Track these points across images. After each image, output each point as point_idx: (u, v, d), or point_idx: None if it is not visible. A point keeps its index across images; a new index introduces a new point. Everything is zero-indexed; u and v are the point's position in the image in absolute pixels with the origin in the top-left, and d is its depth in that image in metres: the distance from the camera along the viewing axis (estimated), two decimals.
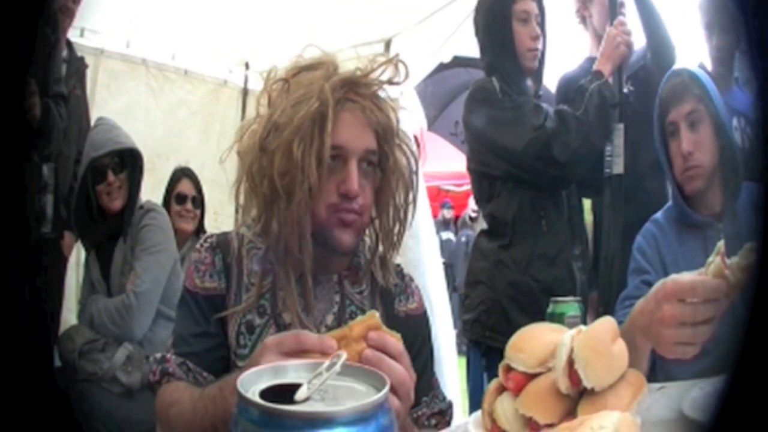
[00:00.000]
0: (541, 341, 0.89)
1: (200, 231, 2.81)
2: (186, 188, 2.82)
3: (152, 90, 3.48)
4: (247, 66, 3.75)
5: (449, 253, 7.77)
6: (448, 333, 3.38)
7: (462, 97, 2.33)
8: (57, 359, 2.22)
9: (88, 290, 2.37)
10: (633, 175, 2.01)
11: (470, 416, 0.97)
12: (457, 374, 3.16)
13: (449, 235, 8.47)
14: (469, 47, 2.63)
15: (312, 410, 0.53)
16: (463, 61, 3.70)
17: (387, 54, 2.92)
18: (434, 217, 4.53)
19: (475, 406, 0.94)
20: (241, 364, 1.07)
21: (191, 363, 1.08)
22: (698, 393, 0.90)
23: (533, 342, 0.90)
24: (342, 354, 0.61)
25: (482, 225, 2.36)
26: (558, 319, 1.08)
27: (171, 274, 2.31)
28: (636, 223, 1.76)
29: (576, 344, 0.83)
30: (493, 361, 1.87)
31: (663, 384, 1.02)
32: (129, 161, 2.36)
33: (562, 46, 2.53)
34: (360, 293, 1.18)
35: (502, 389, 0.90)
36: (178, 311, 1.15)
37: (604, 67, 2.00)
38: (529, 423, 0.84)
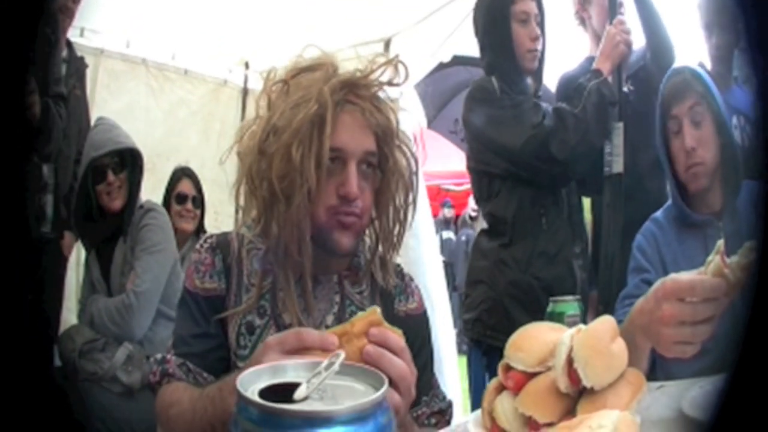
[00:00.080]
0: (541, 340, 0.89)
1: (200, 231, 2.81)
2: (186, 188, 2.82)
3: (152, 90, 3.48)
4: (247, 66, 3.75)
5: (449, 253, 7.78)
6: (449, 332, 3.38)
7: (462, 95, 2.33)
8: (57, 359, 2.22)
9: (88, 290, 2.37)
10: (633, 174, 2.01)
11: (470, 415, 0.97)
12: (458, 374, 3.16)
13: (449, 235, 8.48)
14: (469, 46, 2.64)
15: (311, 409, 0.54)
16: (463, 60, 3.70)
17: (386, 54, 2.92)
18: (434, 217, 4.54)
19: (477, 406, 0.94)
20: (242, 365, 1.07)
21: (191, 364, 1.08)
22: (698, 392, 0.90)
23: (533, 341, 0.90)
24: (341, 353, 0.61)
25: (482, 224, 2.37)
26: (558, 318, 1.08)
27: (171, 274, 2.31)
28: (636, 222, 1.76)
29: (575, 343, 0.83)
30: (495, 360, 1.85)
31: (662, 383, 1.01)
32: (129, 161, 2.36)
33: (562, 46, 2.53)
34: (360, 293, 1.18)
35: (502, 388, 0.90)
36: (178, 312, 1.15)
37: (603, 66, 2.00)
38: (529, 422, 0.84)
